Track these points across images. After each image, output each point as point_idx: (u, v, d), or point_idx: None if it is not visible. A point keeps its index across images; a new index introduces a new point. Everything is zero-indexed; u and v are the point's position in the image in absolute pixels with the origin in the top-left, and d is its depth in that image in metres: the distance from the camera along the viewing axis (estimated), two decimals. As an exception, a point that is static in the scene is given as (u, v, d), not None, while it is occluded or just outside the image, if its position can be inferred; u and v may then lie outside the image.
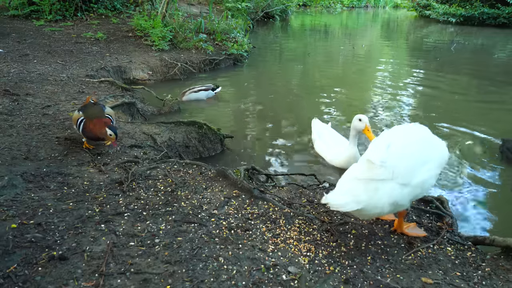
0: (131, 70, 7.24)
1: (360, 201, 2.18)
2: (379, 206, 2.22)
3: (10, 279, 1.93)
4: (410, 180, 2.26)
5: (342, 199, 2.20)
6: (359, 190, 2.23)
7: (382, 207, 2.24)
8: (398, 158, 2.27)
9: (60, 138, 3.73)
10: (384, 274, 2.19)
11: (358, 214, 2.33)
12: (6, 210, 2.50)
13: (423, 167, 2.32)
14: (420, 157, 2.34)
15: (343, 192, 2.26)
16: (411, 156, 2.31)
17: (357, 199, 2.18)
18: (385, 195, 2.21)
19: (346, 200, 2.19)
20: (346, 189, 2.27)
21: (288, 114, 6.11)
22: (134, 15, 9.77)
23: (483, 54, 11.98)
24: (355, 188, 2.25)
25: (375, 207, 2.22)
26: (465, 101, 6.92)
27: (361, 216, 2.41)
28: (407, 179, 2.25)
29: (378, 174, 2.22)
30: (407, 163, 2.28)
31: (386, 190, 2.22)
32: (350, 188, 2.26)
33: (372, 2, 32.52)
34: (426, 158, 2.36)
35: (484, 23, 18.02)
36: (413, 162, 2.30)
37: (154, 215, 2.62)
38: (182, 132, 4.40)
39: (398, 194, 2.24)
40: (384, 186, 2.22)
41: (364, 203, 2.18)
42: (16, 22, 9.60)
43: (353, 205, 2.17)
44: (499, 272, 2.25)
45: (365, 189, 2.22)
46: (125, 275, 2.03)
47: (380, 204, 2.22)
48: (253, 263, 2.21)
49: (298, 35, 15.82)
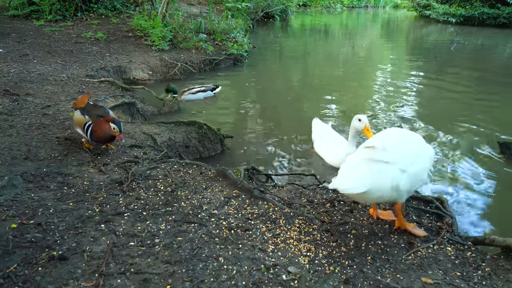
0: (131, 70, 7.24)
1: (365, 184, 2.29)
2: (382, 188, 2.33)
3: (10, 279, 1.93)
4: (407, 166, 2.39)
5: (349, 183, 2.30)
6: (364, 173, 2.35)
7: (385, 190, 2.35)
8: (396, 146, 2.45)
9: (60, 138, 3.73)
10: (384, 274, 2.19)
11: (361, 197, 2.41)
12: (6, 210, 2.50)
13: (417, 159, 2.47)
14: (414, 150, 2.50)
15: (349, 176, 2.36)
16: (406, 146, 2.49)
17: (362, 182, 2.29)
18: (388, 177, 2.34)
19: (353, 183, 2.29)
20: (351, 173, 2.38)
21: (288, 114, 6.11)
22: (134, 15, 9.77)
23: (483, 54, 11.98)
24: (360, 171, 2.37)
25: (379, 190, 2.33)
26: (465, 100, 6.92)
27: (364, 199, 2.48)
28: (405, 165, 2.38)
29: (381, 155, 2.37)
30: (405, 151, 2.45)
31: (388, 173, 2.34)
32: (355, 172, 2.38)
33: (372, 2, 32.52)
34: (418, 152, 2.51)
35: (484, 23, 18.01)
36: (409, 152, 2.46)
37: (154, 215, 2.62)
38: (182, 132, 4.40)
39: (399, 179, 2.35)
40: (387, 169, 2.35)
41: (368, 185, 2.29)
42: (16, 22, 9.60)
43: (360, 188, 2.27)
44: (499, 272, 2.25)
45: (369, 172, 2.34)
46: (125, 275, 2.03)
47: (383, 187, 2.33)
48: (253, 263, 2.21)
49: (298, 35, 15.82)
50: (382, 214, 2.81)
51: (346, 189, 2.29)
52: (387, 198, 2.41)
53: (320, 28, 18.48)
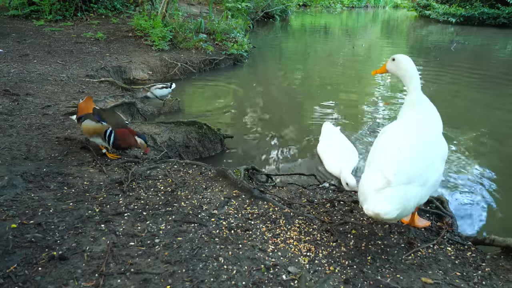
0: (131, 70, 7.23)
1: (398, 207, 2.21)
2: (408, 208, 2.29)
3: (10, 279, 1.93)
4: (426, 181, 2.34)
5: (386, 207, 2.18)
6: (392, 195, 2.24)
7: (410, 209, 2.32)
8: (411, 164, 2.30)
9: (60, 138, 3.72)
10: (384, 274, 2.19)
11: (392, 219, 2.29)
12: (6, 210, 2.50)
13: (433, 167, 2.39)
14: (428, 158, 2.38)
15: (381, 200, 2.23)
16: (422, 160, 2.35)
17: (395, 206, 2.20)
18: (411, 197, 2.28)
19: (390, 208, 2.18)
20: (383, 198, 2.24)
21: (288, 114, 6.11)
22: (134, 15, 9.77)
23: (483, 54, 11.98)
24: (389, 194, 2.25)
25: (405, 210, 2.28)
26: (465, 100, 6.92)
27: (395, 219, 2.36)
28: (423, 181, 2.33)
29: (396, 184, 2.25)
30: (420, 167, 2.32)
31: (411, 194, 2.28)
32: (386, 196, 2.25)
33: (372, 2, 32.52)
34: (433, 157, 2.40)
35: (484, 23, 18.01)
36: (424, 165, 2.34)
37: (154, 215, 2.62)
38: (182, 132, 4.40)
39: (420, 194, 2.33)
40: (408, 190, 2.27)
41: (400, 209, 2.22)
42: (16, 22, 9.60)
43: (394, 212, 2.18)
44: (499, 272, 2.25)
45: (398, 195, 2.24)
46: (125, 275, 2.03)
47: (409, 206, 2.29)
48: (253, 263, 2.21)
49: (298, 35, 15.82)
50: None
51: (385, 213, 2.16)
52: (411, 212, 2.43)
53: (320, 28, 18.48)
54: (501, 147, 4.88)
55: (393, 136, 2.46)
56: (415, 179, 2.29)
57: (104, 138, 3.19)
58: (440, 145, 2.50)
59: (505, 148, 4.87)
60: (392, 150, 2.36)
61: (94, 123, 3.24)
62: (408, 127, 2.50)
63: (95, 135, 3.26)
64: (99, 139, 3.27)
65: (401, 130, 2.49)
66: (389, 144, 2.41)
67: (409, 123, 2.54)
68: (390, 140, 2.44)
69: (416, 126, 2.51)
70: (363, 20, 24.27)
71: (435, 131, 2.54)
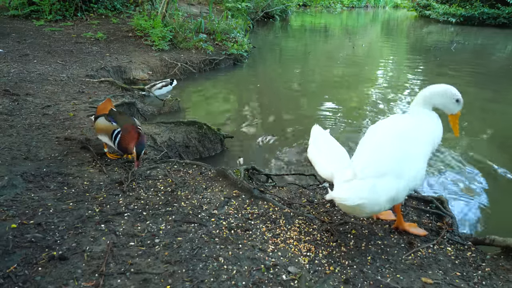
0: (131, 70, 7.23)
1: (361, 196, 2.22)
2: (380, 202, 2.26)
3: (10, 279, 1.93)
4: (399, 175, 2.30)
5: (346, 194, 2.24)
6: (360, 186, 2.28)
7: (382, 204, 2.27)
8: (381, 156, 2.35)
9: (60, 138, 3.72)
10: (384, 274, 2.19)
11: (357, 210, 2.33)
12: (6, 210, 2.50)
13: (408, 161, 2.34)
14: (403, 152, 2.36)
15: (346, 188, 2.31)
16: (395, 153, 2.35)
17: (358, 194, 2.23)
18: (383, 191, 2.25)
19: (350, 195, 2.23)
20: (348, 187, 2.31)
21: (288, 114, 6.11)
22: (134, 15, 9.77)
23: (483, 54, 11.98)
24: (356, 185, 2.30)
25: (376, 204, 2.26)
26: (465, 100, 6.90)
27: (361, 213, 2.38)
28: (396, 175, 2.29)
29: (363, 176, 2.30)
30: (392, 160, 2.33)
31: (383, 187, 2.26)
32: (352, 185, 2.31)
33: (372, 2, 32.53)
34: (409, 152, 2.36)
35: (484, 23, 18.02)
36: (397, 158, 2.34)
37: (154, 215, 2.62)
38: (182, 132, 4.40)
39: (395, 190, 2.28)
40: (381, 182, 2.27)
41: (366, 199, 2.22)
42: (16, 22, 9.59)
43: (356, 200, 2.20)
44: (499, 272, 2.25)
45: (364, 186, 2.27)
46: (125, 275, 2.03)
47: (381, 201, 2.26)
48: (253, 263, 2.21)
49: (298, 35, 15.82)
50: (382, 214, 2.80)
51: (342, 199, 2.21)
52: (387, 208, 2.35)
53: (320, 28, 18.48)
54: (501, 147, 4.89)
55: (371, 132, 2.53)
56: (386, 172, 2.28)
57: (111, 137, 3.24)
58: (423, 143, 2.44)
59: (505, 148, 4.88)
60: (365, 145, 2.46)
61: (106, 122, 3.32)
62: (387, 123, 2.54)
63: (103, 134, 3.33)
64: (106, 138, 3.33)
65: (380, 127, 2.53)
66: (364, 139, 2.52)
67: (390, 120, 2.57)
68: (366, 136, 2.54)
69: (396, 123, 2.52)
70: (363, 20, 24.28)
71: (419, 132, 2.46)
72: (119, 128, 3.23)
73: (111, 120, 3.31)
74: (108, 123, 3.30)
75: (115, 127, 3.25)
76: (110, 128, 3.26)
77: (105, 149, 3.52)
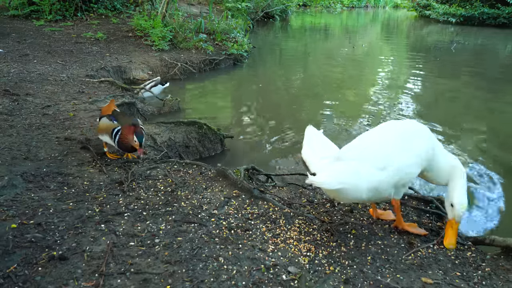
0: (131, 70, 7.24)
1: (340, 180, 2.27)
2: (360, 189, 2.30)
3: (10, 279, 1.93)
4: (385, 166, 2.33)
5: (325, 178, 2.29)
6: (341, 170, 2.35)
7: (362, 191, 2.31)
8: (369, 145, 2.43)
9: (60, 138, 3.72)
10: (384, 274, 2.19)
11: (338, 195, 2.38)
12: (6, 210, 2.50)
13: (396, 153, 2.37)
14: (391, 144, 2.41)
15: (326, 173, 2.37)
16: (382, 143, 2.42)
17: (337, 179, 2.28)
18: (365, 177, 2.30)
19: (329, 179, 2.28)
20: (330, 170, 2.39)
21: (288, 114, 6.11)
22: (134, 15, 9.77)
23: (483, 54, 11.98)
24: (337, 168, 2.38)
25: (356, 190, 2.30)
26: (465, 100, 6.92)
27: (343, 198, 2.42)
28: (381, 164, 2.33)
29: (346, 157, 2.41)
30: (377, 148, 2.39)
31: (366, 173, 2.30)
32: (334, 168, 2.39)
33: (372, 2, 32.54)
34: (399, 146, 2.40)
35: (484, 23, 18.03)
36: (383, 148, 2.39)
37: (154, 215, 2.62)
38: (182, 132, 4.40)
39: (378, 179, 2.31)
40: (364, 169, 2.31)
41: (346, 184, 2.27)
42: (16, 22, 9.60)
43: (335, 184, 2.25)
44: (499, 272, 2.25)
45: (347, 170, 2.34)
46: (125, 275, 2.03)
47: (362, 188, 2.30)
48: (253, 263, 2.21)
49: (298, 35, 15.82)
50: (382, 214, 2.80)
51: (321, 183, 2.25)
52: (371, 198, 2.37)
53: (320, 28, 18.48)
54: (501, 147, 4.89)
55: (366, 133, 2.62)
56: (368, 157, 2.34)
57: (111, 136, 3.29)
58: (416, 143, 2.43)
59: (505, 148, 4.87)
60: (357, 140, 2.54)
61: (107, 121, 3.37)
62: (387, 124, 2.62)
63: (104, 133, 3.38)
64: (107, 137, 3.37)
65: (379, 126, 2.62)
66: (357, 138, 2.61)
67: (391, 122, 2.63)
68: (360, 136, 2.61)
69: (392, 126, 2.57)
70: (363, 20, 24.28)
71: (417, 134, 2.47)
72: (119, 126, 3.28)
73: (112, 119, 3.36)
74: (110, 122, 3.36)
75: (115, 125, 3.30)
76: (111, 126, 3.31)
77: (105, 149, 3.55)
